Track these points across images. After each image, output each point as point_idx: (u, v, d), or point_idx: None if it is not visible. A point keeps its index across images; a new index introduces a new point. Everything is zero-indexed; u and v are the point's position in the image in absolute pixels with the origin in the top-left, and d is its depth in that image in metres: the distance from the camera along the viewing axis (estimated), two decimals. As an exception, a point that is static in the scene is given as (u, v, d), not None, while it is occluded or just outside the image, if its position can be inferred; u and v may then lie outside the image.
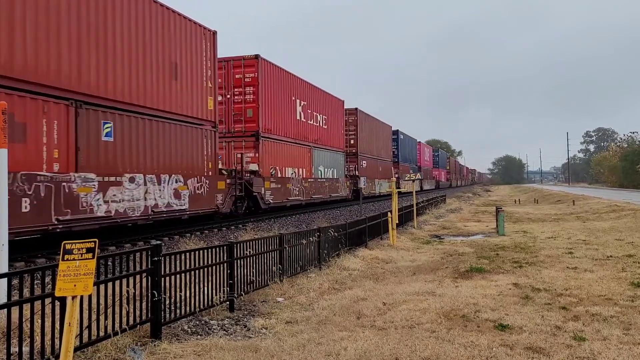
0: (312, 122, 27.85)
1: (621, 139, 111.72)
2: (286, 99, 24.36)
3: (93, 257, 4.36)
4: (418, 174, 25.96)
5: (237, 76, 21.43)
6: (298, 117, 25.80)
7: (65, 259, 4.32)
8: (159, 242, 6.15)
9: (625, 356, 5.38)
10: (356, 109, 35.96)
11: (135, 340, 5.64)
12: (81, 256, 4.34)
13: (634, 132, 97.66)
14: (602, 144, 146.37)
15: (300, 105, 26.02)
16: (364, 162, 36.68)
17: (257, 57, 21.33)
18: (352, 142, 36.20)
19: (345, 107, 34.69)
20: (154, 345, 5.60)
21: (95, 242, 4.41)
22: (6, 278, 4.66)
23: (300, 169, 25.79)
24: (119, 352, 5.26)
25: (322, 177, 28.85)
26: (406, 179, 28.01)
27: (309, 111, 27.44)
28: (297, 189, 24.71)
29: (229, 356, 5.38)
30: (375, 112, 48.17)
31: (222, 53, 20.59)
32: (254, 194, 20.10)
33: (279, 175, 22.88)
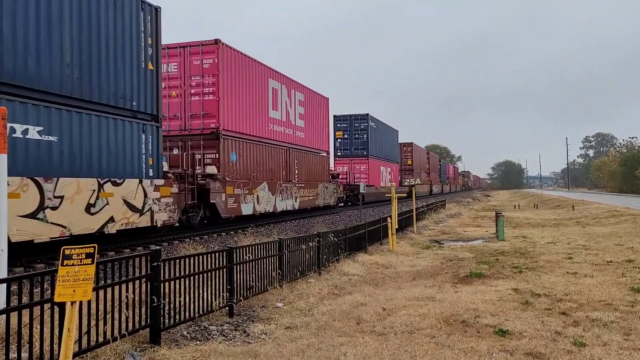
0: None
1: (620, 144, 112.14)
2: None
3: (92, 263, 4.36)
4: (417, 179, 24.15)
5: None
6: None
7: (64, 264, 4.32)
8: (158, 247, 6.15)
9: (625, 362, 5.37)
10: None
11: (135, 346, 5.63)
12: (80, 261, 4.33)
13: (633, 137, 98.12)
14: (602, 149, 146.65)
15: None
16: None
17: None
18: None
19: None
20: (153, 350, 5.58)
21: (94, 247, 4.41)
22: (5, 284, 4.66)
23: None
24: (118, 358, 5.24)
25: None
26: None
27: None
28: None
29: (229, 362, 5.37)
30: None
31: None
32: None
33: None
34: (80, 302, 4.42)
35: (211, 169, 18.13)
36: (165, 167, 15.40)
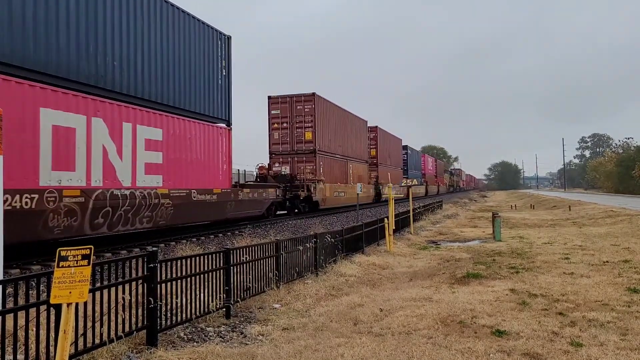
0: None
1: (616, 144, 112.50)
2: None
3: (88, 264, 4.34)
4: (414, 180, 24.22)
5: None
6: None
7: (60, 265, 4.30)
8: (155, 248, 6.13)
9: (622, 362, 5.38)
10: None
11: (131, 348, 5.61)
12: (76, 263, 4.32)
13: (629, 138, 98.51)
14: (598, 149, 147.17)
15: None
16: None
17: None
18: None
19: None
20: (150, 352, 5.56)
21: (90, 248, 4.39)
22: (1, 285, 4.64)
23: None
24: (114, 360, 5.23)
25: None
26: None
27: None
28: None
29: (226, 363, 5.35)
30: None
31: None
32: None
33: None
34: (77, 304, 4.40)
35: None
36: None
